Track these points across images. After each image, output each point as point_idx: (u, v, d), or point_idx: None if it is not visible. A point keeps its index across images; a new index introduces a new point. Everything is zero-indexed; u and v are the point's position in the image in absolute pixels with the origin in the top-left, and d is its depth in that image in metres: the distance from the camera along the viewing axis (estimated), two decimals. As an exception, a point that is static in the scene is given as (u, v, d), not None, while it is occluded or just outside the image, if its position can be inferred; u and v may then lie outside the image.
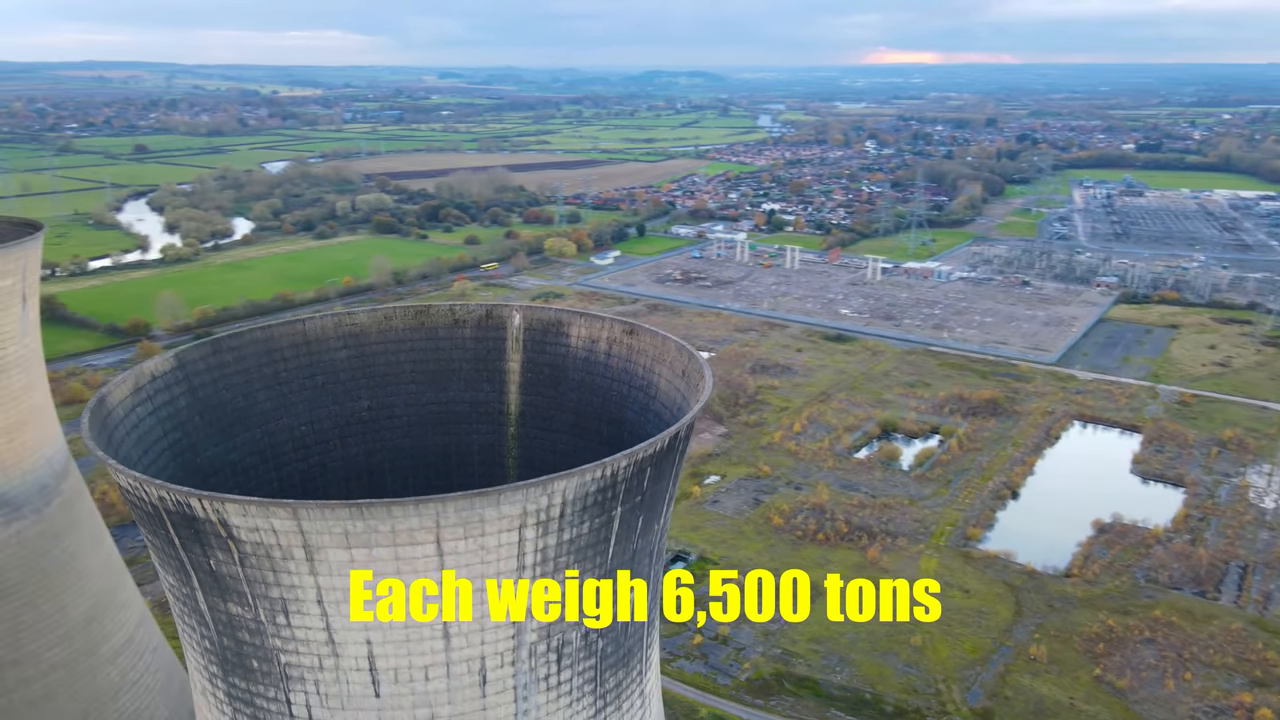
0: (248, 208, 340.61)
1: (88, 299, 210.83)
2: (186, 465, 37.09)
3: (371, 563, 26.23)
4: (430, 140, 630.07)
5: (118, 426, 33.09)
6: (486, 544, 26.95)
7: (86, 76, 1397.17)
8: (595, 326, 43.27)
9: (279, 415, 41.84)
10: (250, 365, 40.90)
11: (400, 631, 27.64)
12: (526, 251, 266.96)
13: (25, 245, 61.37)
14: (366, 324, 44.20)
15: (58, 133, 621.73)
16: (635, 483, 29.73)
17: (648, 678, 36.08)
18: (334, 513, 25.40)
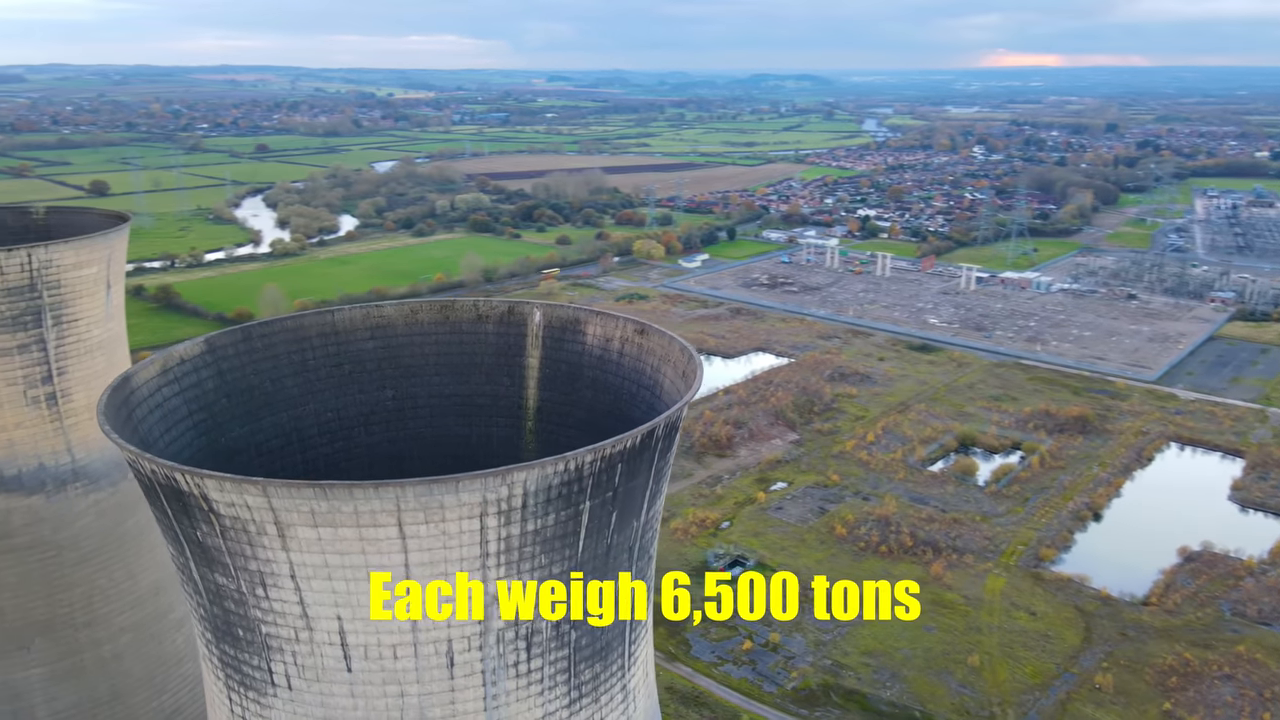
0: (354, 205, 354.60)
1: (201, 289, 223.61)
2: (211, 444, 39.33)
3: (337, 542, 27.51)
4: (533, 142, 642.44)
5: (141, 404, 35.44)
6: (448, 530, 27.88)
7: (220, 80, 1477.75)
8: (610, 325, 43.82)
9: (306, 401, 43.85)
10: (279, 352, 43.03)
11: (368, 609, 28.85)
12: (615, 253, 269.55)
13: (109, 236, 65.85)
14: (394, 316, 45.84)
15: (189, 132, 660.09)
16: (604, 478, 30.17)
17: (632, 674, 36.42)
18: (300, 492, 26.77)
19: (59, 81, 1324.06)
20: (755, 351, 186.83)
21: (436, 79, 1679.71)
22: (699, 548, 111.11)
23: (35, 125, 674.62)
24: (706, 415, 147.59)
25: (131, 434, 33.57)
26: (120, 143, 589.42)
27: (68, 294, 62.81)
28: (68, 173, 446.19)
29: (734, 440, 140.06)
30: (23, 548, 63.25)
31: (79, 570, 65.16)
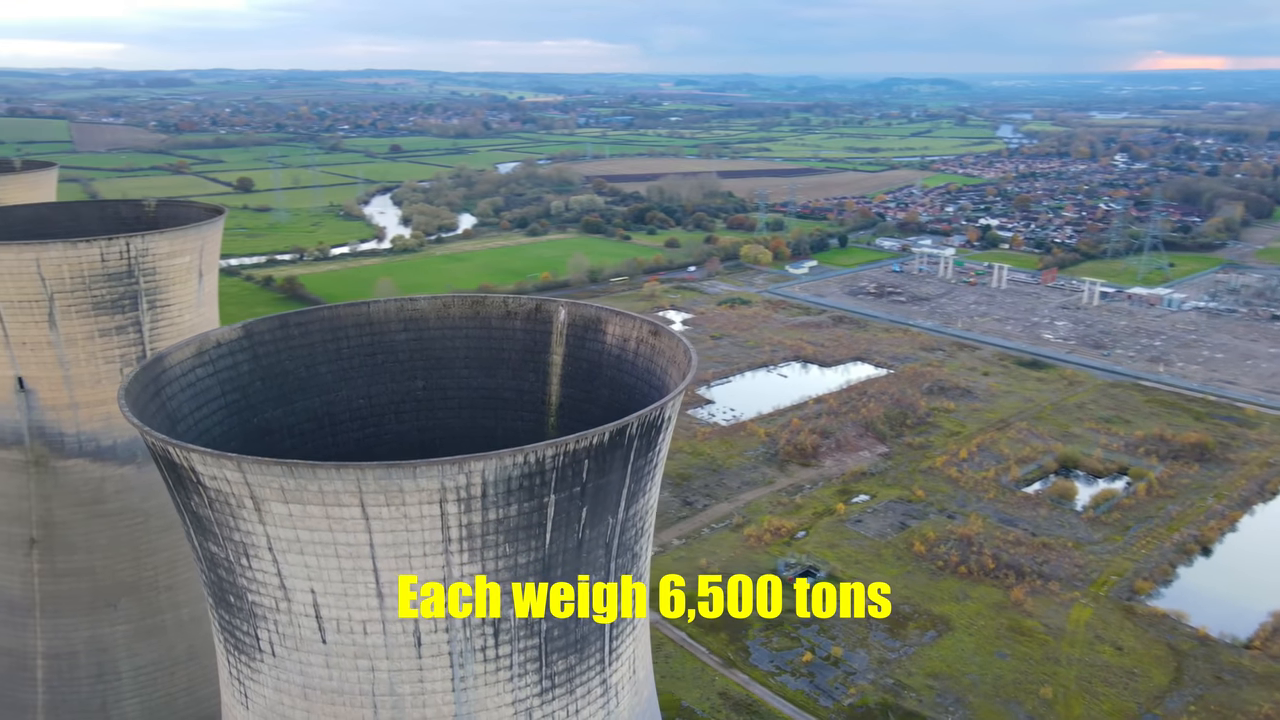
0: (474, 204, 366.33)
1: (324, 281, 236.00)
2: (243, 424, 42.04)
3: (303, 520, 29.14)
4: (653, 145, 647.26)
5: (172, 382, 38.30)
6: (409, 514, 29.11)
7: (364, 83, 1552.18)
8: (627, 326, 44.44)
9: (338, 387, 46.23)
10: (315, 340, 45.54)
11: (338, 585, 30.41)
12: (722, 257, 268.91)
13: (202, 228, 70.87)
14: (427, 310, 47.75)
15: (331, 133, 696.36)
16: (570, 473, 30.79)
17: (615, 669, 36.84)
18: (269, 469, 28.53)
19: (221, 85, 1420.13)
20: (853, 361, 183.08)
21: (566, 83, 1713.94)
22: (771, 556, 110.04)
23: (196, 126, 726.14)
24: (794, 423, 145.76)
25: (159, 409, 36.36)
26: (269, 142, 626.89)
27: (162, 280, 67.88)
28: (220, 170, 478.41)
29: (819, 450, 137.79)
30: (114, 513, 68.78)
31: (163, 537, 70.26)
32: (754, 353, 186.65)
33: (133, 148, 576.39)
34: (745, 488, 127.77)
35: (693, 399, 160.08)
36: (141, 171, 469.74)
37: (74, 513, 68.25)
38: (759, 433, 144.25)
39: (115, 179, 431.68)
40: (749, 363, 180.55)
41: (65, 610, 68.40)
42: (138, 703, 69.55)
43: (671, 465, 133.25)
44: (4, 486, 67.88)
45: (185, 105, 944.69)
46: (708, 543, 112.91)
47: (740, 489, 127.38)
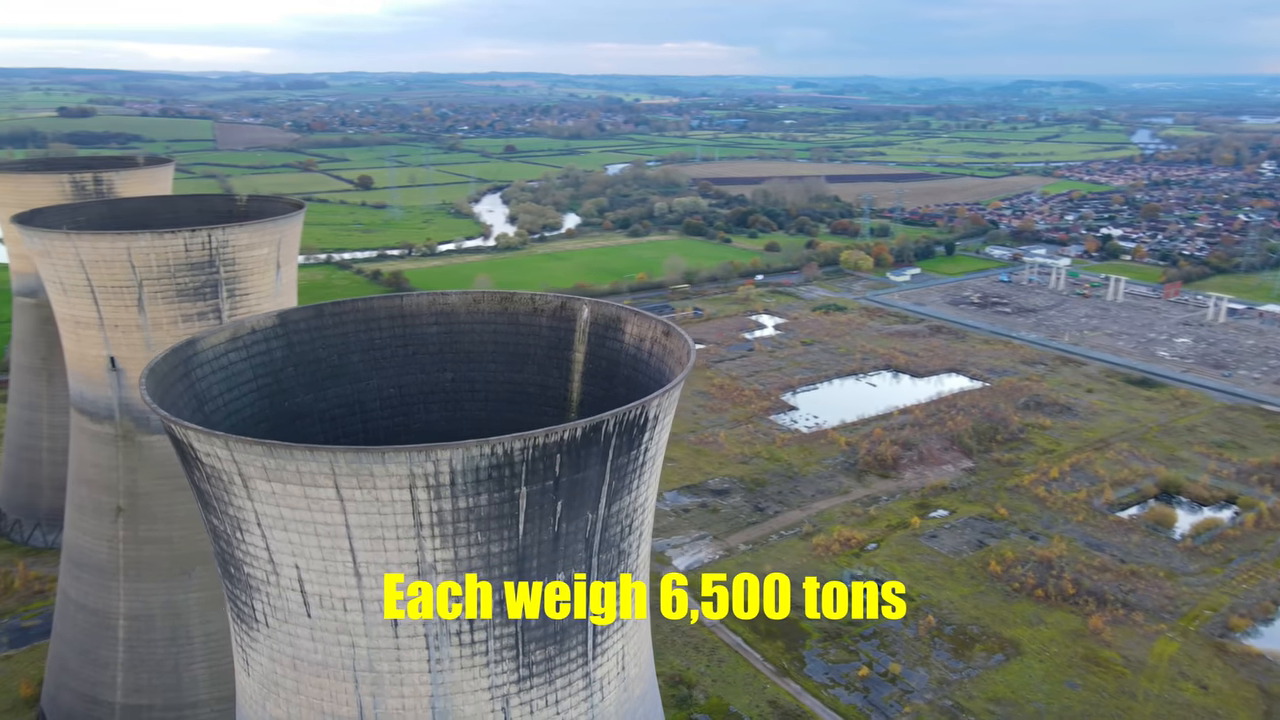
0: (580, 204, 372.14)
1: (427, 276, 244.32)
2: (275, 407, 44.39)
3: (284, 498, 30.70)
4: (764, 148, 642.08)
5: (203, 365, 40.81)
6: (380, 497, 30.28)
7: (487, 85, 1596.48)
8: (644, 326, 44.77)
9: (370, 376, 48.21)
10: (349, 330, 47.63)
11: (319, 562, 31.89)
12: (821, 262, 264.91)
13: (280, 222, 74.79)
14: (457, 304, 49.27)
15: (451, 134, 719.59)
16: (541, 466, 31.37)
17: (599, 664, 37.21)
18: (251, 448, 30.20)
19: (354, 87, 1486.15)
20: (948, 372, 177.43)
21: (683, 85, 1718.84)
22: (837, 566, 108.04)
23: (327, 126, 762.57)
24: (876, 433, 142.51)
25: (186, 389, 38.85)
26: (392, 142, 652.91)
27: (241, 270, 72.01)
28: (343, 168, 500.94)
29: (900, 461, 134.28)
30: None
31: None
32: (844, 360, 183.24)
33: (268, 146, 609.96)
34: (819, 496, 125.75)
35: (775, 405, 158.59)
36: (273, 169, 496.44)
37: (157, 485, 73.10)
38: (839, 441, 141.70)
39: (249, 175, 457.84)
40: (837, 370, 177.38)
41: (145, 575, 73.34)
42: (206, 667, 73.92)
43: (746, 470, 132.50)
44: (96, 457, 73.36)
45: (319, 106, 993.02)
46: (774, 549, 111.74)
47: (814, 497, 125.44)
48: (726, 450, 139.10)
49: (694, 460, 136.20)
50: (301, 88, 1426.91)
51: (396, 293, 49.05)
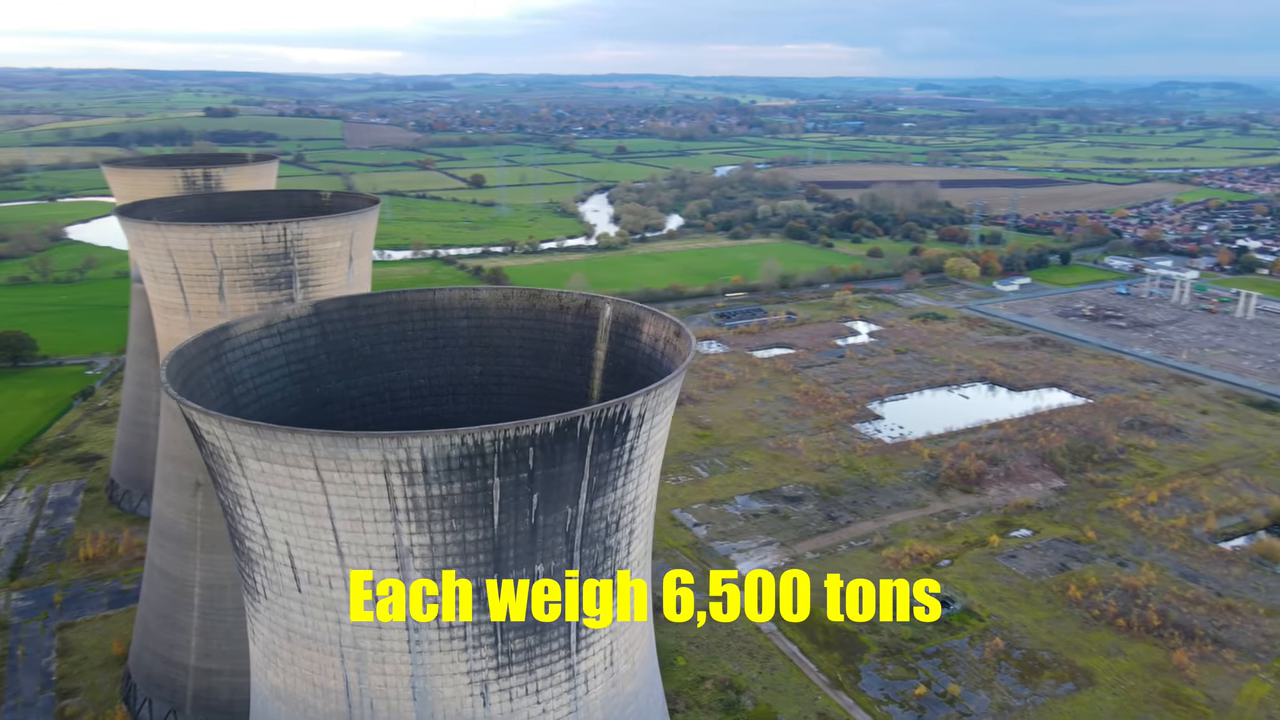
0: (683, 206, 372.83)
1: (525, 273, 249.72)
2: (305, 393, 46.64)
3: (270, 476, 32.34)
4: (879, 151, 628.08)
5: (235, 350, 43.26)
6: (357, 480, 31.54)
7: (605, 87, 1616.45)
8: (659, 326, 44.99)
9: (401, 366, 50.03)
10: (381, 321, 49.55)
11: (306, 540, 33.44)
12: (924, 269, 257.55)
13: (352, 217, 78.14)
14: (487, 300, 50.59)
15: (565, 134, 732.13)
16: (513, 459, 32.01)
17: (584, 657, 37.62)
18: (240, 428, 31.93)
19: (477, 89, 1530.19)
20: (1049, 387, 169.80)
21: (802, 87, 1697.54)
22: (906, 581, 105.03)
23: (448, 126, 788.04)
24: (961, 447, 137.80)
25: (216, 371, 41.31)
26: (508, 142, 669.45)
27: (314, 263, 75.66)
28: (459, 167, 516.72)
29: (984, 477, 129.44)
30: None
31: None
32: (937, 370, 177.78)
33: (391, 145, 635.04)
34: (895, 508, 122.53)
35: (860, 413, 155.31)
36: (393, 167, 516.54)
37: (232, 463, 77.57)
38: (923, 453, 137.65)
39: (370, 173, 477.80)
40: (929, 380, 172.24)
41: (220, 547, 77.86)
42: (270, 637, 77.89)
43: (822, 478, 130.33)
44: (180, 434, 78.36)
45: (442, 107, 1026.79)
46: (841, 559, 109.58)
47: (889, 509, 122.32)
48: (804, 457, 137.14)
49: (770, 466, 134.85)
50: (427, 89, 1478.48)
51: (429, 288, 50.64)
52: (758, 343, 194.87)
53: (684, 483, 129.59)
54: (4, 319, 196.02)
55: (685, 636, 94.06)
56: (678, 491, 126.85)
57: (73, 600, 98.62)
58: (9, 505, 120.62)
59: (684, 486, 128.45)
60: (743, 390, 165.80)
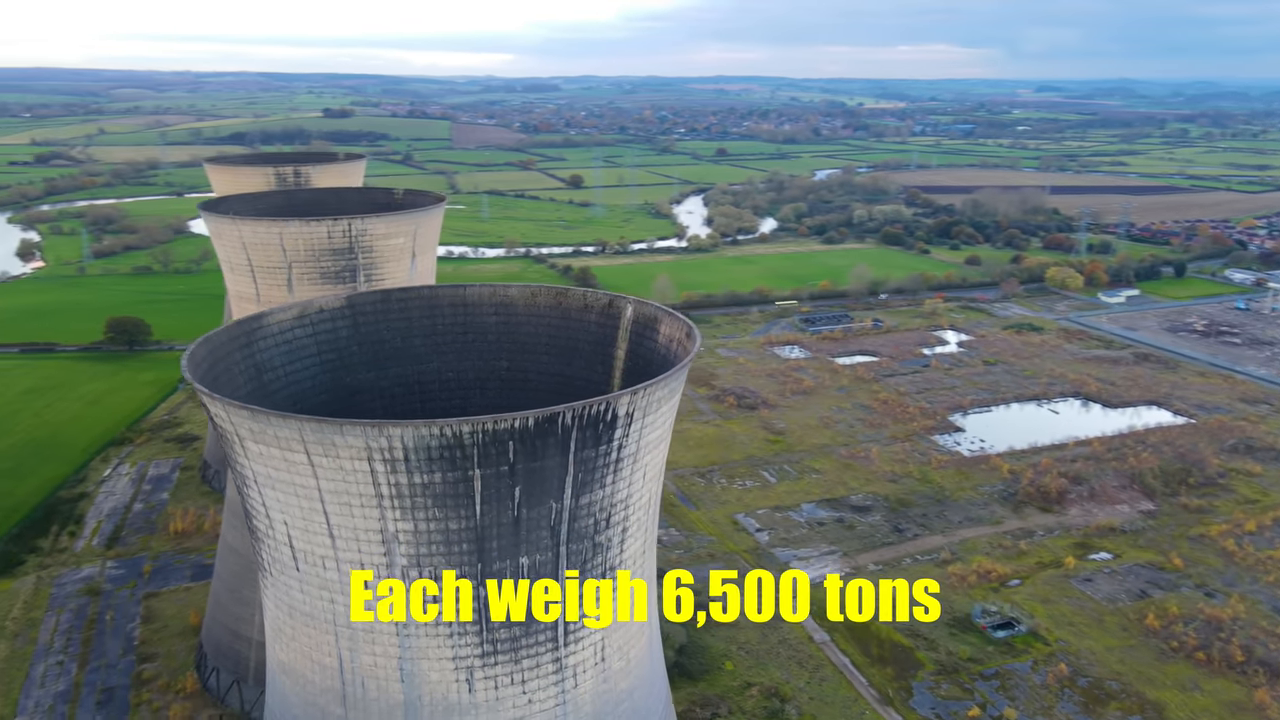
0: (778, 209, 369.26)
1: (613, 273, 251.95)
2: (335, 381, 48.59)
3: (267, 458, 33.90)
4: (988, 156, 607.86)
5: (267, 338, 45.41)
6: (344, 466, 32.74)
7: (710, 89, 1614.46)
8: (673, 326, 45.13)
9: (430, 359, 51.55)
10: (413, 315, 51.16)
11: (301, 521, 34.90)
12: (1024, 279, 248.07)
13: (415, 214, 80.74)
14: (516, 297, 51.65)
15: (667, 136, 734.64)
16: (492, 451, 32.66)
17: (573, 651, 38.02)
18: (238, 412, 33.58)
19: (584, 91, 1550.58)
20: (1147, 405, 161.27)
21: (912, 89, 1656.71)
22: (970, 599, 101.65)
23: (552, 127, 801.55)
24: (1043, 463, 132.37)
25: (246, 358, 43.52)
26: (610, 143, 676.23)
27: (377, 258, 78.51)
28: (559, 167, 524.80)
29: (1066, 496, 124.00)
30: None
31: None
32: (1027, 383, 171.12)
33: (496, 145, 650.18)
34: (967, 524, 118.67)
35: (940, 424, 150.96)
36: (495, 166, 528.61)
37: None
38: (1002, 468, 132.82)
39: (472, 172, 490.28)
40: (1017, 393, 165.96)
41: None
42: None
43: (893, 489, 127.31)
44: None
45: (548, 109, 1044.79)
46: (904, 572, 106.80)
47: (961, 524, 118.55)
48: (876, 467, 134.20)
49: (840, 474, 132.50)
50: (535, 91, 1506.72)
51: (460, 284, 51.99)
52: (840, 349, 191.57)
53: (750, 487, 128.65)
54: (126, 306, 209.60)
55: (735, 642, 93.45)
56: (743, 496, 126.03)
57: (160, 571, 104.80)
58: (113, 479, 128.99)
59: (750, 491, 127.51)
60: (820, 397, 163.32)
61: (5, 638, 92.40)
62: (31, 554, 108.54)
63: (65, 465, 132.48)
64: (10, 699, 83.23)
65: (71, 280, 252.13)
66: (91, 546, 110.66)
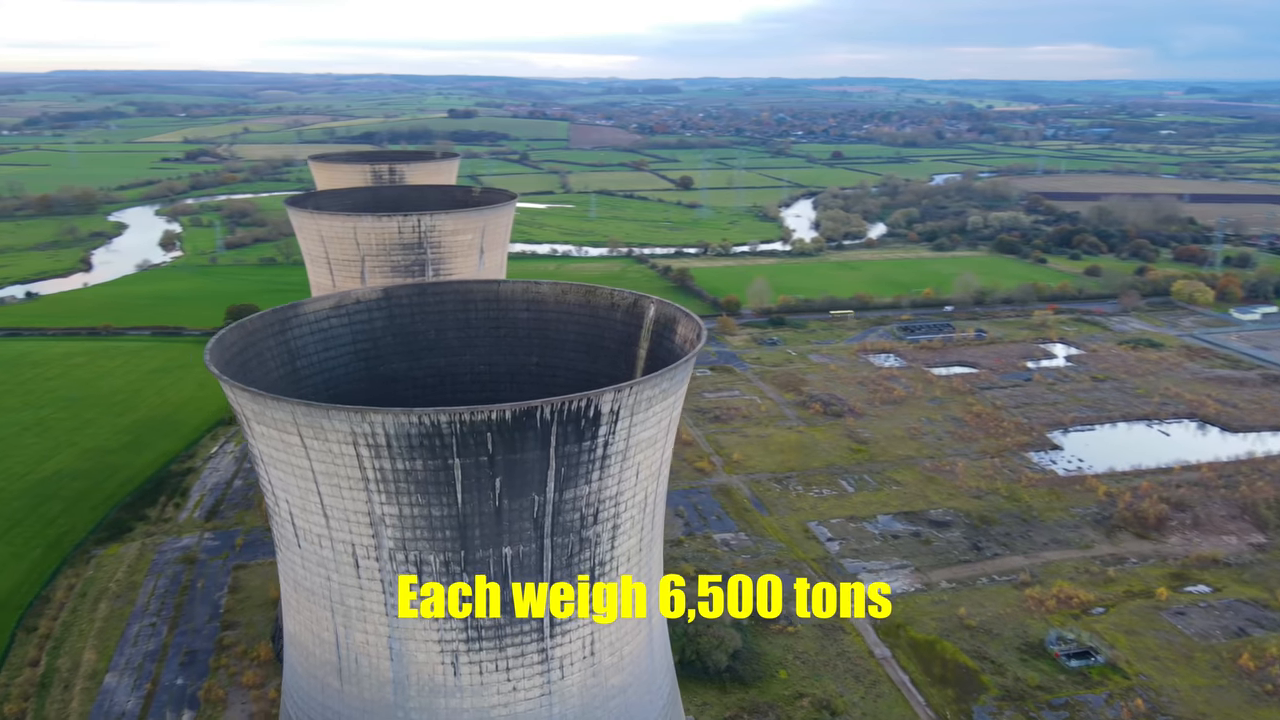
0: (890, 214, 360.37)
1: (712, 275, 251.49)
2: (369, 370, 50.66)
3: (268, 439, 35.72)
4: (1124, 161, 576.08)
5: (302, 326, 47.72)
6: (332, 450, 34.19)
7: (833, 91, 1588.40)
8: (689, 327, 45.19)
9: (463, 352, 53.08)
10: (447, 309, 52.80)
11: (300, 500, 36.62)
12: (1147, 292, 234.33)
13: (484, 211, 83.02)
14: (547, 294, 52.64)
15: (783, 139, 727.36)
16: (472, 441, 33.46)
17: (560, 644, 38.49)
18: (241, 393, 35.51)
19: (704, 93, 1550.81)
20: (1272, 431, 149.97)
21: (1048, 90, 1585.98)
22: (1046, 624, 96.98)
23: (668, 128, 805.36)
24: (1143, 487, 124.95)
25: (279, 343, 45.94)
26: (724, 145, 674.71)
27: (445, 253, 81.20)
28: (671, 168, 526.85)
29: (1166, 523, 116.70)
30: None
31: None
32: (1138, 402, 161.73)
33: (611, 146, 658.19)
34: (1052, 546, 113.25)
35: (1036, 441, 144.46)
36: (608, 167, 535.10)
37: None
38: (1098, 490, 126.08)
39: (585, 172, 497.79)
40: (1125, 412, 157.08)
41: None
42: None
43: (976, 505, 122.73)
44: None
45: (666, 110, 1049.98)
46: (978, 593, 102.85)
47: (1046, 546, 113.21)
48: (960, 481, 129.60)
49: (921, 487, 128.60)
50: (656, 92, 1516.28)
51: (493, 279, 53.32)
52: (938, 359, 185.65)
53: (827, 496, 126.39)
54: (248, 294, 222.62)
55: (793, 650, 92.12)
56: (818, 504, 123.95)
57: (250, 545, 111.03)
58: (219, 456, 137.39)
59: (826, 500, 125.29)
60: (911, 407, 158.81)
61: (108, 598, 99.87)
62: (140, 522, 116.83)
63: (179, 441, 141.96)
64: (106, 654, 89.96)
65: (203, 269, 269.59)
66: (193, 518, 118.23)
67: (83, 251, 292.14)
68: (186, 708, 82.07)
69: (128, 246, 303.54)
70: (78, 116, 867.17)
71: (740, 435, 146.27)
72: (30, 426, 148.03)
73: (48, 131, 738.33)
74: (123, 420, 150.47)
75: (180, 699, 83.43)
